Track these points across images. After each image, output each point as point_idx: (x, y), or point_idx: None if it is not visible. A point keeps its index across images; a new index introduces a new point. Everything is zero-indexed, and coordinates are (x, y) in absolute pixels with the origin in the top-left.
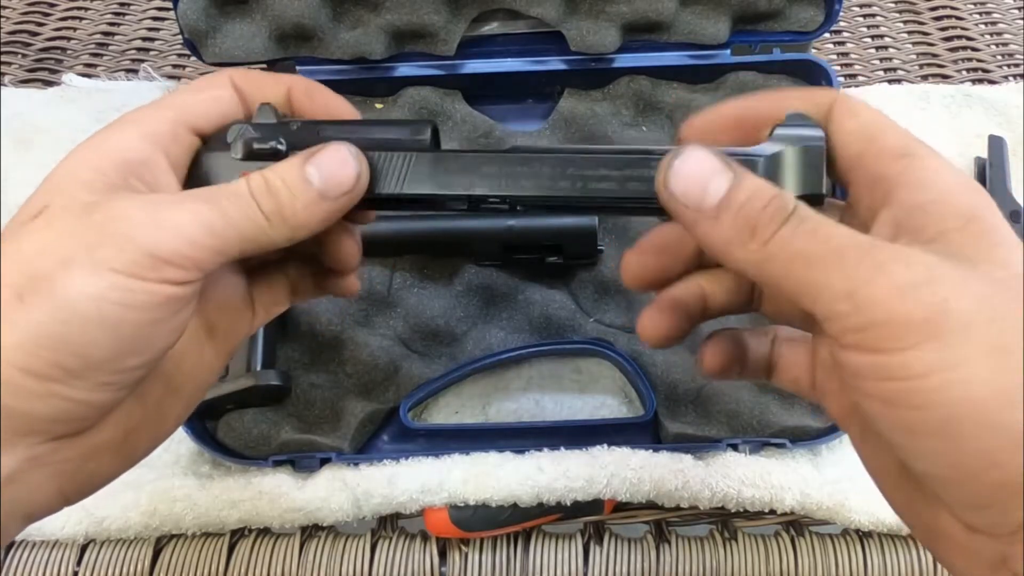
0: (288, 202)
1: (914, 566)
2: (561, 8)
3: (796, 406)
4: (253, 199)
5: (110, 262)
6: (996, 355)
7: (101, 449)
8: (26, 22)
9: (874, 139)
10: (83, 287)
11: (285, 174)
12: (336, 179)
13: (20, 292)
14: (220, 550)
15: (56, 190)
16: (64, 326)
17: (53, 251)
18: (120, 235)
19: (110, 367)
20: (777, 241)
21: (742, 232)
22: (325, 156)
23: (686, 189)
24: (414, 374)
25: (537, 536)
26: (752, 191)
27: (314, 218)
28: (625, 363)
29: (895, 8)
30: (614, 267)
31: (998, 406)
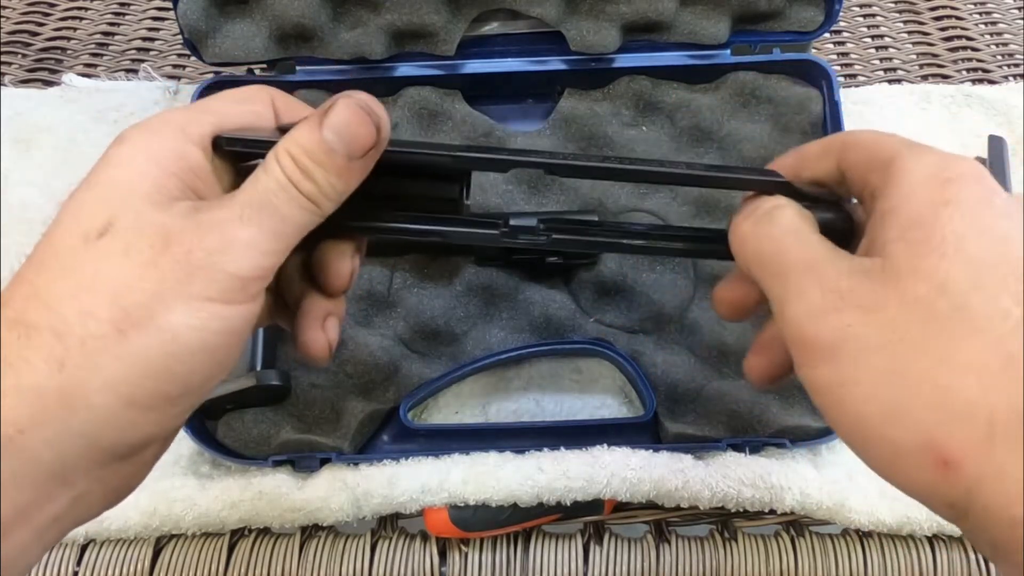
0: (324, 179)
1: (914, 566)
2: (561, 8)
3: (796, 406)
4: (296, 188)
5: (205, 293)
6: (887, 377)
7: (149, 463)
8: (26, 22)
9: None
10: (186, 319)
11: (307, 146)
12: (356, 139)
13: (119, 328)
14: (220, 550)
15: (119, 205)
16: (170, 359)
17: (143, 287)
18: (206, 267)
19: (204, 390)
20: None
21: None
22: (337, 115)
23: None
24: (414, 374)
25: (537, 536)
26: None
27: (352, 181)
28: (625, 363)
29: (895, 8)
30: (614, 267)
31: (882, 422)
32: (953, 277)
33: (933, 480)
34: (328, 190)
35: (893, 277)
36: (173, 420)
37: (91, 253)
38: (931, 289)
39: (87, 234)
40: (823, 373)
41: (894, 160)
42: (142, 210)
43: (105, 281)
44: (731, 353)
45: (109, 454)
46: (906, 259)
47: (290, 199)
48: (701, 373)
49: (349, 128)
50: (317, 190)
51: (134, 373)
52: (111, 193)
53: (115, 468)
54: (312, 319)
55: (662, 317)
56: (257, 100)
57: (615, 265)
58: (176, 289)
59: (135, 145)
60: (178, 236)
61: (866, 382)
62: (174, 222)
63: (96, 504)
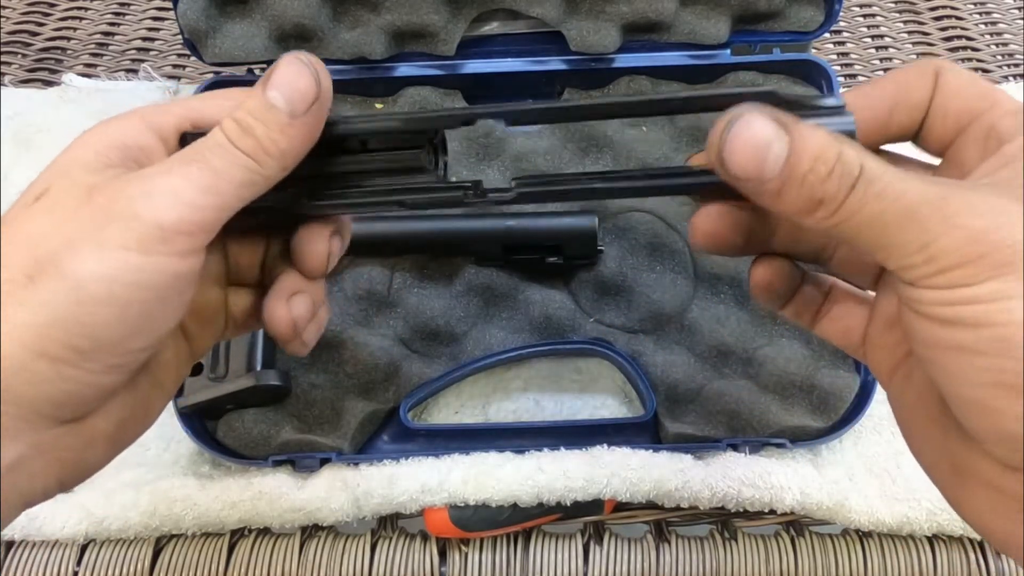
0: (264, 135)
1: (914, 566)
2: (561, 8)
3: (796, 406)
4: (233, 144)
5: (119, 240)
6: None
7: (98, 438)
8: (26, 22)
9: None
10: (94, 268)
11: (251, 107)
12: (298, 92)
13: (29, 273)
14: (220, 550)
15: (57, 173)
16: (76, 307)
17: (58, 233)
18: (123, 213)
19: (119, 348)
20: (847, 209)
21: (809, 203)
22: (279, 74)
23: (744, 166)
24: (414, 374)
25: (537, 536)
26: (814, 156)
27: (295, 141)
28: (625, 363)
29: (895, 8)
30: (614, 267)
31: None
32: None
33: None
34: (269, 145)
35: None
36: (95, 379)
37: (24, 214)
38: None
39: (27, 201)
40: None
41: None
42: (76, 175)
43: (26, 234)
44: (731, 353)
45: (34, 412)
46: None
47: (225, 153)
48: (701, 373)
49: (290, 83)
50: (257, 145)
51: (39, 321)
52: (56, 166)
53: (52, 435)
54: (278, 293)
55: (662, 317)
56: (226, 95)
57: (615, 265)
58: (89, 236)
59: (94, 131)
60: (102, 189)
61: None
62: (102, 181)
63: (40, 475)
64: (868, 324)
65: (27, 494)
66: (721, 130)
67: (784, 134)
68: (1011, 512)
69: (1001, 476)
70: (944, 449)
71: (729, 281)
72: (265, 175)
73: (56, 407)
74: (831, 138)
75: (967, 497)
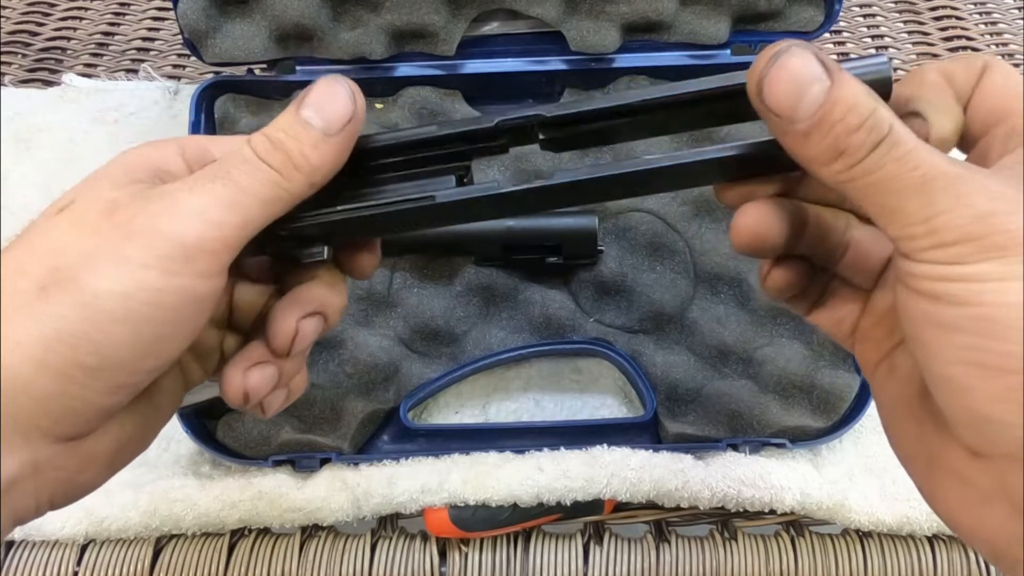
0: (296, 150)
1: (914, 566)
2: (561, 8)
3: (796, 406)
4: (261, 160)
5: (139, 257)
6: None
7: (95, 459)
8: (26, 22)
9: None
10: (111, 284)
11: (284, 124)
12: (334, 112)
13: (42, 285)
14: (220, 550)
15: (85, 187)
16: (87, 323)
17: (77, 247)
18: (145, 229)
19: (127, 369)
20: (863, 167)
21: (829, 152)
22: (315, 94)
23: (779, 99)
24: (414, 374)
25: (537, 536)
26: (849, 106)
27: (326, 158)
28: (625, 363)
29: (895, 8)
30: (614, 267)
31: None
32: None
33: None
34: (300, 160)
35: None
36: (99, 398)
37: (47, 224)
38: None
39: (51, 212)
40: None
41: None
42: (102, 189)
43: (46, 244)
44: (731, 353)
45: (33, 427)
46: None
47: (251, 169)
48: (701, 373)
49: (326, 103)
50: (286, 160)
51: (48, 334)
52: (86, 180)
53: (49, 452)
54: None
55: (662, 317)
56: None
57: (615, 265)
58: (109, 252)
59: (130, 149)
60: (125, 205)
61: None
62: (126, 197)
63: (33, 493)
64: (860, 316)
65: (19, 512)
66: (767, 60)
67: (826, 77)
68: (977, 503)
69: (969, 466)
70: (919, 441)
71: (729, 281)
72: (291, 191)
73: (56, 424)
74: (869, 94)
75: (937, 488)
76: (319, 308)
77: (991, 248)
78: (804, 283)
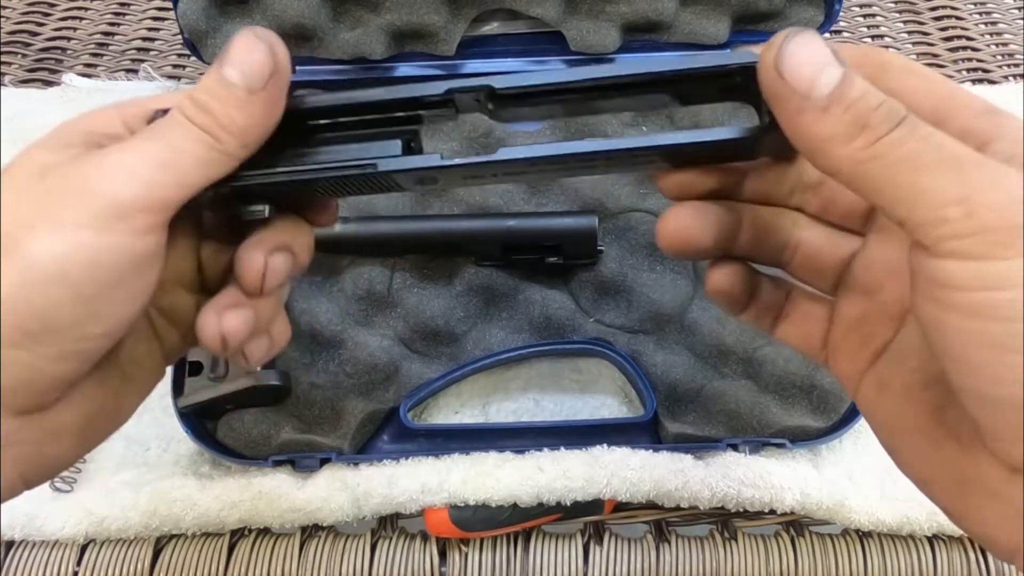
0: (221, 111)
1: (914, 566)
2: (561, 8)
3: (796, 406)
4: (189, 121)
5: (73, 218)
6: None
7: (62, 432)
8: (26, 22)
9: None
10: (47, 246)
11: (207, 85)
12: (253, 68)
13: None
14: (220, 550)
15: (20, 155)
16: (26, 288)
17: (12, 214)
18: (78, 189)
19: (73, 333)
20: (887, 142)
21: (850, 128)
22: (233, 50)
23: (798, 73)
24: (414, 374)
25: (537, 536)
26: (865, 89)
27: (255, 117)
28: (625, 363)
29: (895, 8)
30: (614, 267)
31: None
32: None
33: None
34: (226, 121)
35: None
36: (50, 366)
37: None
38: None
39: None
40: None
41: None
42: (35, 154)
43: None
44: (731, 353)
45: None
46: None
47: (182, 130)
48: (701, 373)
49: (244, 58)
50: (213, 121)
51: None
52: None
53: (9, 426)
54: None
55: (662, 317)
56: None
57: (615, 265)
58: (44, 214)
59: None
60: (57, 167)
61: None
62: (58, 161)
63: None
64: (829, 328)
65: None
66: (781, 40)
67: (840, 64)
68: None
69: (1008, 483)
70: (941, 463)
71: None
72: (226, 152)
73: (10, 395)
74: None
75: (971, 508)
76: (284, 244)
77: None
78: (746, 287)
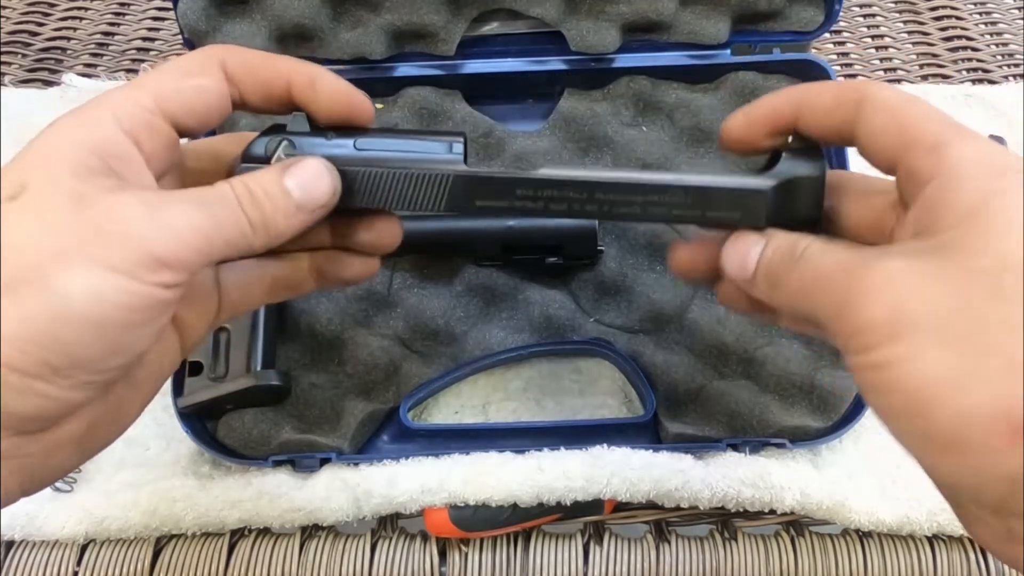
0: (271, 213)
1: (914, 566)
2: (561, 8)
3: (796, 406)
4: (241, 208)
5: (110, 260)
6: (956, 345)
7: (64, 443)
8: (26, 22)
9: (905, 132)
10: (81, 285)
11: (267, 185)
12: (314, 193)
13: (10, 283)
14: (220, 550)
15: (36, 171)
16: (55, 323)
17: (46, 243)
18: (120, 233)
19: (93, 367)
20: (787, 284)
21: (770, 286)
22: (303, 171)
23: (732, 269)
24: (414, 374)
25: (537, 536)
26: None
27: (291, 229)
28: (625, 363)
29: (895, 8)
30: (614, 267)
31: (951, 391)
32: (1015, 254)
33: (999, 448)
34: (270, 223)
35: (954, 254)
36: (66, 394)
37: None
38: (995, 263)
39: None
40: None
41: (942, 147)
42: (59, 176)
43: (7, 240)
44: (731, 353)
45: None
46: (966, 239)
47: (231, 212)
48: (701, 373)
49: (309, 182)
50: (260, 218)
51: (15, 335)
52: (29, 160)
53: (13, 443)
54: None
55: (662, 317)
56: (205, 71)
57: (615, 265)
58: (82, 251)
59: (61, 127)
60: (96, 201)
61: (933, 353)
62: (92, 191)
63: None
64: None
65: None
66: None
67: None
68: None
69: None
70: None
71: None
72: (251, 244)
73: (20, 419)
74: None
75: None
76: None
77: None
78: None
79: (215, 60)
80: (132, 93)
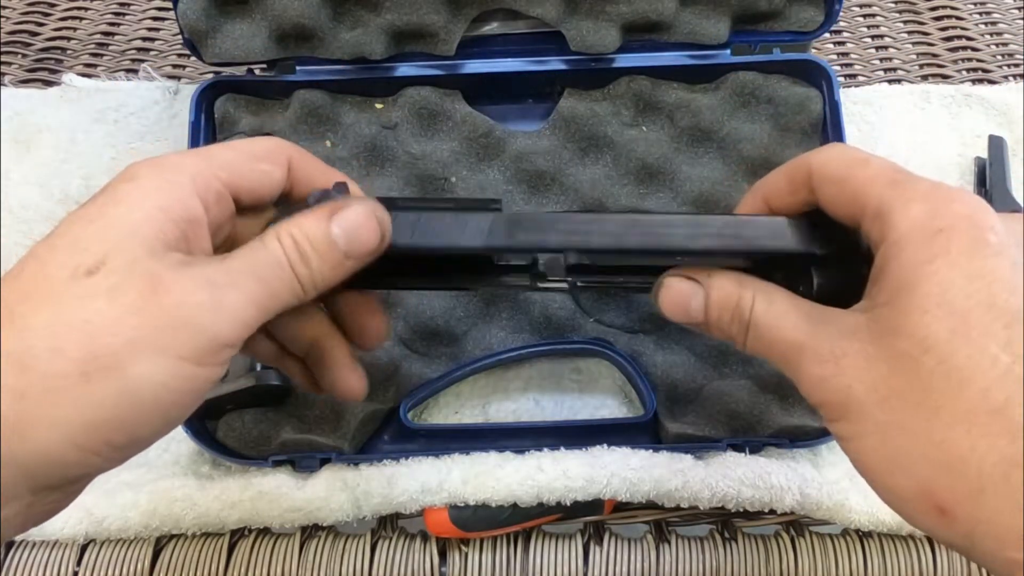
0: (318, 267)
1: (914, 566)
2: (561, 8)
3: (796, 406)
4: (292, 269)
5: (179, 350)
6: (887, 430)
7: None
8: (26, 22)
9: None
10: (150, 374)
11: (312, 235)
12: (362, 240)
13: (85, 370)
14: (220, 550)
15: (114, 243)
16: (125, 409)
17: (119, 332)
18: (189, 323)
19: (148, 442)
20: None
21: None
22: (350, 215)
23: (673, 313)
24: (414, 374)
25: (537, 536)
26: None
27: (339, 277)
28: (625, 363)
29: (895, 8)
30: None
31: (886, 472)
32: (935, 332)
33: (935, 524)
34: (319, 278)
35: (879, 335)
36: (112, 463)
37: (77, 289)
38: (914, 345)
39: (76, 269)
40: (839, 428)
41: (884, 214)
42: (137, 255)
43: (83, 320)
44: (731, 353)
45: (43, 485)
46: (890, 318)
47: (283, 277)
48: (701, 373)
49: (357, 229)
50: (309, 275)
51: (87, 419)
52: (109, 232)
53: (44, 496)
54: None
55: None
56: (274, 160)
57: None
58: (152, 340)
59: (144, 186)
60: (167, 287)
61: (871, 435)
62: (166, 273)
63: (16, 527)
64: None
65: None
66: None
67: (700, 290)
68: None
69: None
70: None
71: None
72: (304, 300)
73: (66, 483)
74: (735, 286)
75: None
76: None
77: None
78: None
79: (284, 154)
80: (209, 164)
